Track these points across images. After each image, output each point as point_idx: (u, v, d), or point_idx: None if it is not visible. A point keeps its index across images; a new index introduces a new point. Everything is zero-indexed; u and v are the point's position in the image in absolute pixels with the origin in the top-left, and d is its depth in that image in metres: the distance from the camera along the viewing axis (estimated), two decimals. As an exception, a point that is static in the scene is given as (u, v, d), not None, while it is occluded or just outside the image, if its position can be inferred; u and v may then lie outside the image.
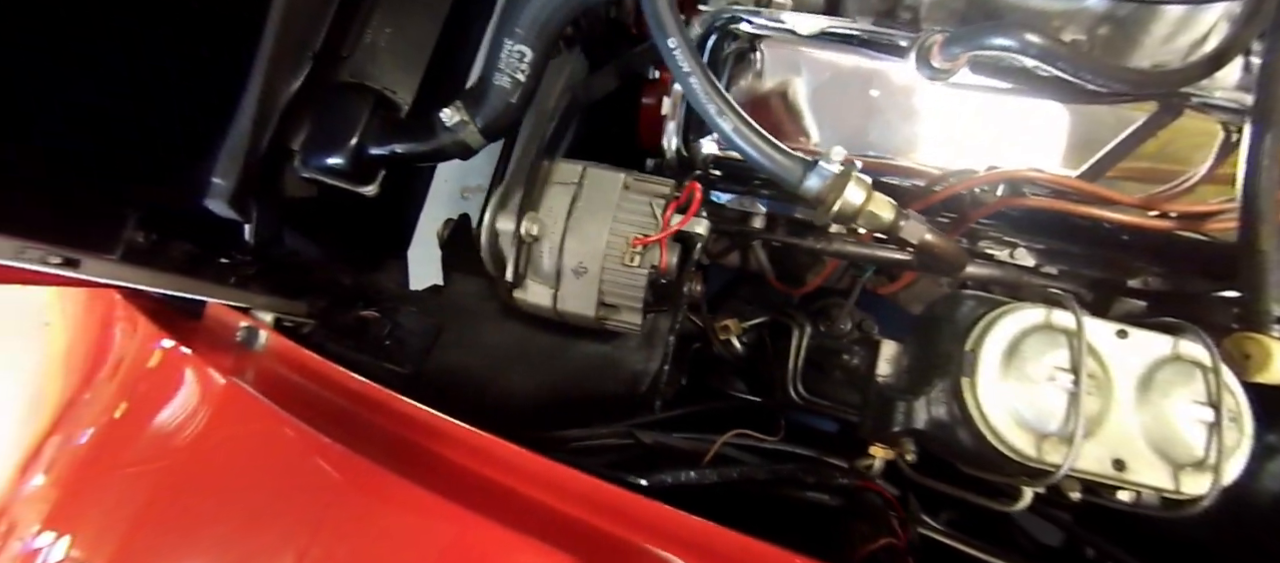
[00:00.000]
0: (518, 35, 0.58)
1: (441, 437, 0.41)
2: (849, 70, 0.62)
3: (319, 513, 0.38)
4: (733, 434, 0.55)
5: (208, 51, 0.64)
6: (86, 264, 0.46)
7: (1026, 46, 0.48)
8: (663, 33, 0.48)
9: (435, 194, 1.01)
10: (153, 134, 0.61)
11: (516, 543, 0.34)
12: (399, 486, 0.36)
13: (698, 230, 0.60)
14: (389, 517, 0.36)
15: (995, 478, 0.44)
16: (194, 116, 0.64)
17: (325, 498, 0.38)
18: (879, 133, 0.63)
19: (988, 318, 0.40)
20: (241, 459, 0.44)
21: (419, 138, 0.64)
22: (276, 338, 0.53)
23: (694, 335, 0.79)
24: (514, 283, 0.58)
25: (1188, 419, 0.38)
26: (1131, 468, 0.38)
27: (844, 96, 0.63)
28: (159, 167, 0.63)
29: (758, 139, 0.48)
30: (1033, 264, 0.66)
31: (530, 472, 0.40)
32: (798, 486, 0.52)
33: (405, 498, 0.37)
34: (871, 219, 0.49)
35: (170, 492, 0.43)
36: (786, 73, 0.64)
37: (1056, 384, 0.38)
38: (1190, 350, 0.39)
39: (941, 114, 0.61)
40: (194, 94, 0.64)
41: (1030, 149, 0.61)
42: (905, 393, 0.44)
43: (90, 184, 0.53)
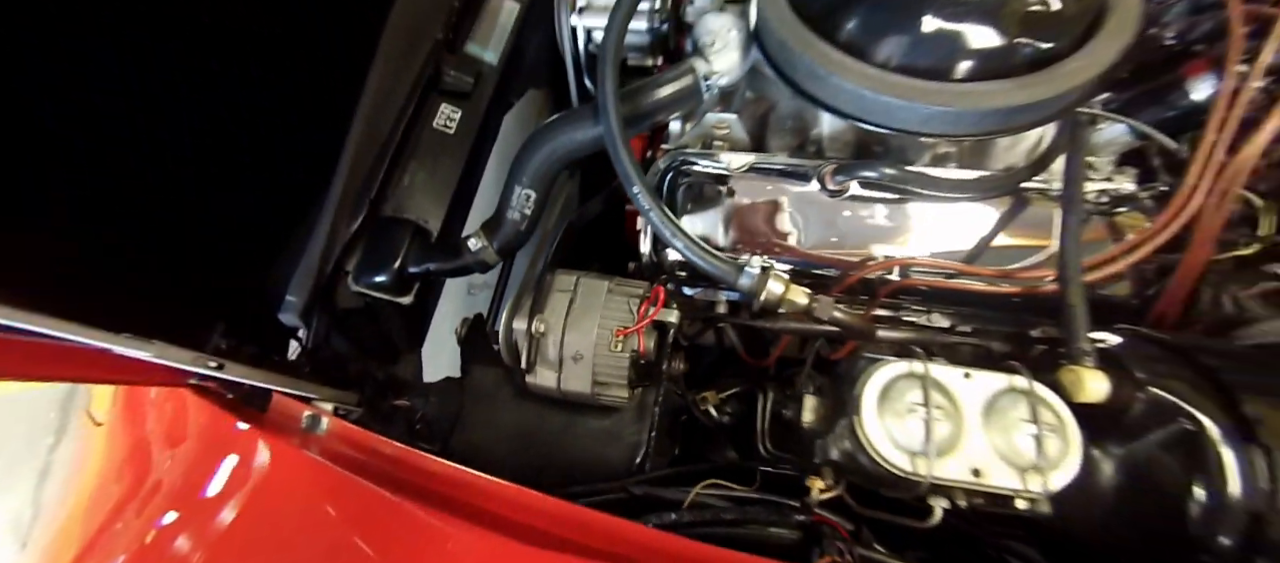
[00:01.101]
0: (524, 182, 0.78)
1: (480, 491, 0.54)
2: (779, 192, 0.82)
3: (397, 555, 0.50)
4: (707, 484, 0.67)
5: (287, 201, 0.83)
6: (228, 367, 0.60)
7: (883, 175, 0.68)
8: (629, 182, 0.68)
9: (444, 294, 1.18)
10: (247, 261, 0.79)
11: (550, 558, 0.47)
12: (456, 525, 0.49)
13: (669, 319, 0.77)
14: (452, 552, 0.48)
15: (905, 496, 0.57)
16: (270, 256, 0.82)
17: (398, 542, 0.50)
18: (806, 236, 0.81)
19: (866, 370, 0.55)
20: (318, 523, 0.56)
21: (449, 258, 0.82)
22: (337, 422, 0.66)
23: (681, 409, 0.92)
24: (527, 369, 0.73)
25: (1022, 434, 0.52)
26: (986, 475, 0.51)
27: (778, 211, 0.82)
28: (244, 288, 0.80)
29: (701, 252, 0.66)
30: (947, 325, 0.82)
31: (551, 512, 0.53)
32: (762, 523, 0.64)
33: (461, 535, 0.49)
34: (791, 304, 0.66)
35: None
36: (749, 196, 0.83)
37: (917, 415, 0.52)
38: (1019, 383, 0.54)
39: (848, 219, 0.80)
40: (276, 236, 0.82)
41: (925, 240, 0.80)
42: (822, 433, 0.58)
43: (203, 300, 0.69)
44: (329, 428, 0.66)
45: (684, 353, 0.93)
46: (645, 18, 0.88)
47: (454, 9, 0.95)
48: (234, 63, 0.80)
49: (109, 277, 0.57)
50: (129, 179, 0.70)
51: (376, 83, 0.80)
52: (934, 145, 0.77)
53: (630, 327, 0.70)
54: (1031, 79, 0.62)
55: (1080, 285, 0.61)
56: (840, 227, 0.79)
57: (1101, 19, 0.65)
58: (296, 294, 0.73)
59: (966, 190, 0.72)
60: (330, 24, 0.86)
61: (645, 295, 0.73)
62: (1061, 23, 0.63)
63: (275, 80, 0.84)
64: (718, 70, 0.77)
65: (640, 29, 0.88)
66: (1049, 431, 0.52)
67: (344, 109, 0.77)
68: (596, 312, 0.72)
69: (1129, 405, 0.54)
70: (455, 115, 0.93)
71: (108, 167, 0.69)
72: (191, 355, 0.56)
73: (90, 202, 0.66)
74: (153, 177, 0.73)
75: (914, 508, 0.61)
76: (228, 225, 0.80)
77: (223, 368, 0.58)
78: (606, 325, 0.71)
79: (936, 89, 0.62)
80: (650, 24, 0.88)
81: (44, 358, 0.55)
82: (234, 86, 0.81)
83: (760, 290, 0.65)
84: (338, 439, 0.65)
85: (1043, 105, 0.62)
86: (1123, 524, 0.55)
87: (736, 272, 0.66)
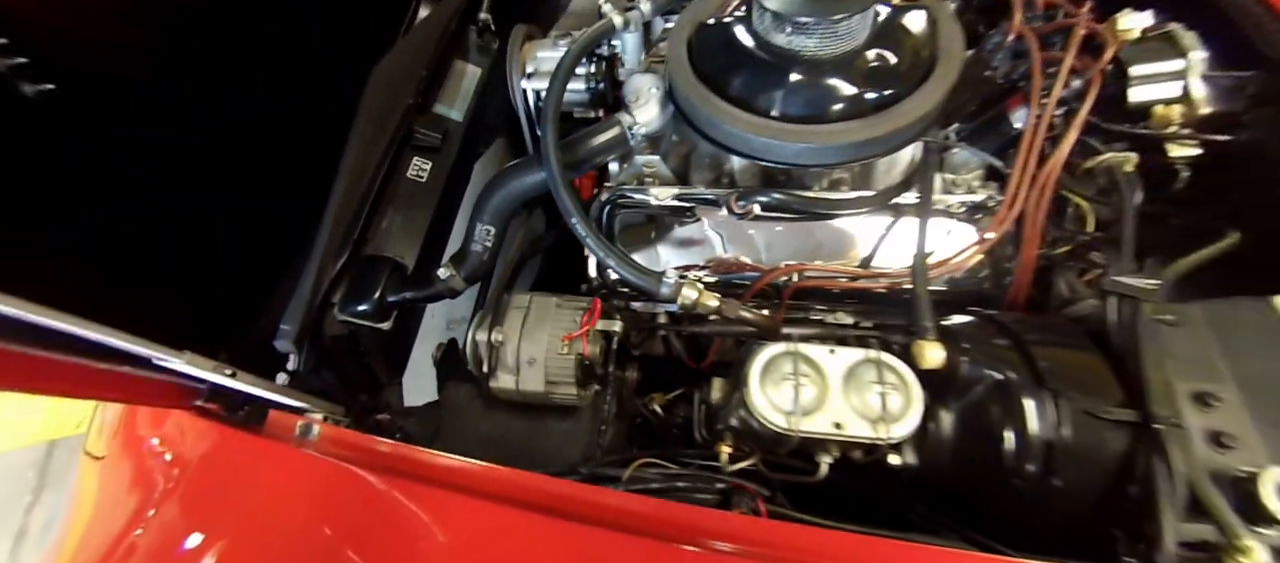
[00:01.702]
0: (484, 220, 0.93)
1: (463, 472, 0.67)
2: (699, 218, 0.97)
3: (394, 529, 0.62)
4: (642, 463, 0.80)
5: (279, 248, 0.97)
6: (240, 376, 0.73)
7: (773, 199, 0.84)
8: (568, 214, 0.83)
9: (424, 331, 1.30)
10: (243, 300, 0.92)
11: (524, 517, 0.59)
12: (446, 495, 0.62)
13: (613, 328, 0.91)
14: (442, 516, 0.61)
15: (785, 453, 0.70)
16: (263, 296, 0.95)
17: (392, 517, 0.62)
18: (723, 252, 0.96)
19: (753, 352, 0.69)
20: (321, 514, 0.68)
21: (423, 287, 0.96)
22: (329, 427, 0.78)
23: (636, 412, 1.05)
24: (490, 375, 0.86)
25: (872, 394, 0.66)
26: (845, 427, 0.65)
27: (699, 234, 0.98)
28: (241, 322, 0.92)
29: (628, 267, 0.81)
30: (852, 322, 0.96)
31: (522, 483, 0.65)
32: (687, 490, 0.76)
33: (452, 501, 0.62)
34: (705, 308, 0.80)
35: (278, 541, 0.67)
36: (675, 222, 0.98)
37: (790, 383, 0.66)
38: (872, 355, 0.69)
39: (754, 237, 0.95)
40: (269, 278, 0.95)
41: (825, 250, 0.95)
42: (724, 407, 0.71)
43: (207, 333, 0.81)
44: (321, 434, 0.78)
45: (638, 363, 1.07)
46: (584, 80, 1.05)
47: (423, 76, 1.12)
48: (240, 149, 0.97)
49: (135, 304, 0.69)
50: (149, 228, 0.84)
51: (357, 143, 0.95)
52: (826, 172, 0.94)
53: (574, 333, 0.84)
54: (876, 118, 0.78)
55: (925, 280, 0.77)
56: (750, 243, 0.95)
57: (931, 68, 0.82)
58: (290, 323, 0.86)
59: (846, 207, 0.88)
60: (317, 97, 1.01)
61: (587, 309, 0.87)
62: (897, 74, 0.80)
63: (268, 152, 0.99)
64: (641, 122, 0.93)
65: (581, 88, 1.05)
66: (894, 390, 0.66)
67: (328, 167, 0.92)
68: (547, 323, 0.86)
69: (959, 369, 0.69)
70: (426, 167, 1.08)
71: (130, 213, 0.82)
72: (213, 364, 0.68)
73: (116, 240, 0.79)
74: (168, 226, 0.87)
75: (811, 469, 0.74)
76: (229, 270, 0.94)
77: (236, 376, 0.70)
78: (556, 334, 0.85)
79: (801, 130, 0.79)
80: (588, 84, 1.05)
81: (59, 375, 0.66)
82: (238, 156, 0.96)
83: (676, 297, 0.80)
84: (330, 443, 0.77)
85: (885, 139, 0.79)
86: (963, 464, 0.69)
87: (657, 281, 0.81)
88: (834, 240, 0.95)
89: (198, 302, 0.84)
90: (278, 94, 0.98)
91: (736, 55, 0.85)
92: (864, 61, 0.80)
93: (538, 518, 0.63)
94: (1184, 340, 0.67)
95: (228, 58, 0.96)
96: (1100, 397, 0.62)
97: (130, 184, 0.82)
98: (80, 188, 0.77)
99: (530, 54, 1.07)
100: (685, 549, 0.59)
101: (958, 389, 0.70)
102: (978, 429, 0.68)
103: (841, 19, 0.78)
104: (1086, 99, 0.81)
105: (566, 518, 0.62)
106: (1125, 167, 0.82)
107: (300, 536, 0.70)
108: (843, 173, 0.96)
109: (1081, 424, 0.61)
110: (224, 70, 0.95)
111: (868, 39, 0.81)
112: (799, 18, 0.78)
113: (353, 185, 0.92)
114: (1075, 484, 0.61)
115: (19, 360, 0.58)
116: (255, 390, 0.75)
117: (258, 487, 0.76)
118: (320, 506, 0.68)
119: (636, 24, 1.00)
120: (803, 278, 0.88)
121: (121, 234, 0.80)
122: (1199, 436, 0.62)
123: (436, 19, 1.21)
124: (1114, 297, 0.69)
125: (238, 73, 0.97)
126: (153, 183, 0.83)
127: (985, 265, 0.90)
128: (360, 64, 1.00)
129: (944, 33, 0.85)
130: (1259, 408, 0.63)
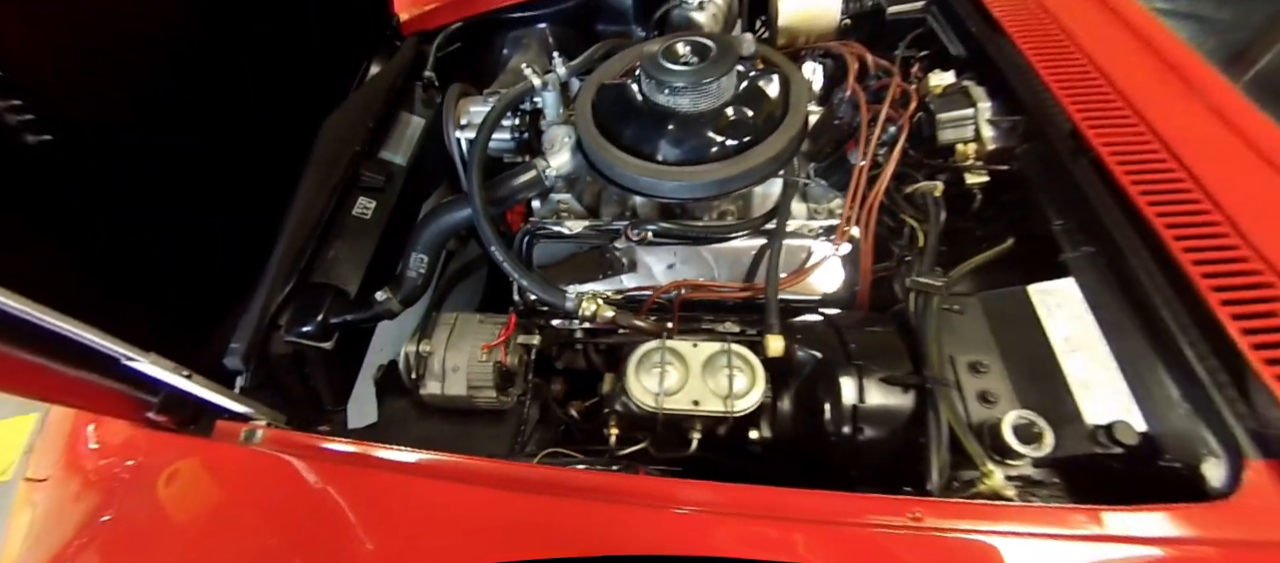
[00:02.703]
0: (419, 249, 1.08)
1: (393, 465, 0.79)
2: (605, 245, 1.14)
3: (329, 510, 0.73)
4: (549, 453, 0.93)
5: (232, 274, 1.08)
6: (195, 378, 0.82)
7: (661, 227, 1.01)
8: (487, 242, 0.99)
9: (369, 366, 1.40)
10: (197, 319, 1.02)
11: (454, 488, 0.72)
12: (382, 471, 0.73)
13: (532, 341, 1.05)
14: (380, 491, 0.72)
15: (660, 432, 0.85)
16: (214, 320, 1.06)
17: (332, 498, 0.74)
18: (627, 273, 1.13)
19: (633, 349, 0.86)
20: (269, 499, 0.79)
21: (362, 310, 1.09)
22: (271, 430, 0.89)
23: (559, 421, 1.18)
24: (419, 382, 0.99)
25: (723, 377, 0.82)
26: (702, 403, 0.80)
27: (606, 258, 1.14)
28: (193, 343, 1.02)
29: (541, 287, 0.96)
30: (739, 330, 1.13)
31: (454, 464, 0.78)
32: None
33: (383, 479, 0.73)
34: (603, 319, 0.96)
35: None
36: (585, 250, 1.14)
37: (659, 370, 0.82)
38: (726, 346, 0.86)
39: (650, 260, 1.12)
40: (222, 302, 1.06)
41: (717, 268, 1.13)
42: (610, 396, 0.86)
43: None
44: (265, 437, 0.89)
45: (562, 377, 1.21)
46: (510, 130, 1.23)
47: (370, 126, 1.28)
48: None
49: (103, 309, 0.78)
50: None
51: (307, 183, 1.09)
52: (711, 204, 1.13)
53: (491, 343, 0.98)
54: (736, 160, 0.98)
55: (775, 288, 0.95)
56: (647, 265, 1.12)
57: (782, 119, 1.03)
58: (239, 342, 0.97)
59: (721, 232, 1.07)
60: (279, 141, 1.16)
61: (504, 324, 1.02)
62: (753, 125, 1.00)
63: (235, 183, 1.12)
64: (555, 167, 1.10)
65: (507, 138, 1.23)
66: (740, 373, 0.83)
67: (280, 205, 1.06)
68: (470, 336, 1.00)
69: (794, 356, 0.86)
70: (371, 205, 1.23)
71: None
72: (173, 365, 0.79)
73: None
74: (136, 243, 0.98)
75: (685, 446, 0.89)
76: (188, 288, 1.05)
77: (192, 378, 0.80)
78: (477, 344, 0.99)
79: (677, 171, 0.98)
80: (513, 135, 1.23)
81: (14, 371, 0.74)
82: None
83: (577, 310, 0.95)
84: (274, 443, 0.88)
85: (742, 176, 0.98)
86: (801, 432, 0.85)
87: (562, 297, 0.96)
88: (724, 261, 1.13)
89: (160, 315, 0.94)
90: (249, 135, 1.12)
91: (629, 111, 1.04)
92: (726, 116, 1.00)
93: (465, 487, 0.75)
94: (965, 324, 0.87)
95: (205, 105, 1.10)
96: (895, 369, 0.80)
97: (106, 203, 0.93)
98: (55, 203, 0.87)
99: (464, 108, 1.25)
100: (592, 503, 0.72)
101: (795, 372, 0.87)
102: (809, 402, 0.84)
103: (709, 82, 0.98)
104: (899, 139, 1.03)
105: (491, 486, 0.74)
106: (934, 191, 1.03)
107: (249, 529, 0.80)
108: (728, 204, 1.15)
109: (879, 390, 0.79)
110: (202, 114, 1.09)
111: (731, 98, 1.01)
112: (675, 82, 0.98)
113: (302, 220, 1.05)
114: (877, 438, 0.78)
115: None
116: (207, 395, 0.85)
117: (204, 485, 0.85)
118: (266, 498, 0.78)
119: (554, 85, 1.19)
120: (688, 292, 1.05)
121: (96, 243, 0.90)
122: (972, 395, 0.80)
123: (384, 76, 1.38)
124: (913, 292, 0.89)
125: (214, 115, 1.11)
126: (127, 202, 0.94)
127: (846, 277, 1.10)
128: (316, 114, 1.16)
129: (794, 92, 1.07)
130: (1014, 371, 0.82)
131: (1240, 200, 0.81)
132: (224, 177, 1.11)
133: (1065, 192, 0.92)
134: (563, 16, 1.62)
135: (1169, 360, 0.74)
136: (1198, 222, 0.80)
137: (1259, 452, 0.64)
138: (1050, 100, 1.00)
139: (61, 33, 0.86)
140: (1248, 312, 0.71)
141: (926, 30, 1.32)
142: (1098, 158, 0.90)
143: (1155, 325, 0.76)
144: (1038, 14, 1.16)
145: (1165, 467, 0.69)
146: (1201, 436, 0.68)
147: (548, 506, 0.71)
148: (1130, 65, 1.03)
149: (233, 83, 1.14)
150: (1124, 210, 0.84)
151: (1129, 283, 0.80)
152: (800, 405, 0.86)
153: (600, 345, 1.18)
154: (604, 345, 1.18)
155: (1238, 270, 0.75)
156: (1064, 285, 0.86)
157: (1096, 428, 0.71)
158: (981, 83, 1.10)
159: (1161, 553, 0.61)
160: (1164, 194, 0.84)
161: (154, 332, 0.79)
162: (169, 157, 1.02)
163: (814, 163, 1.15)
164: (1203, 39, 1.36)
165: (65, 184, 0.86)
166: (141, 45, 0.99)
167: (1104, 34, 1.10)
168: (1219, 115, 0.93)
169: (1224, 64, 1.04)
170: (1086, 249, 0.86)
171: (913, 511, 0.65)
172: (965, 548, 0.64)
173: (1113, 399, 0.75)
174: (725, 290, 1.05)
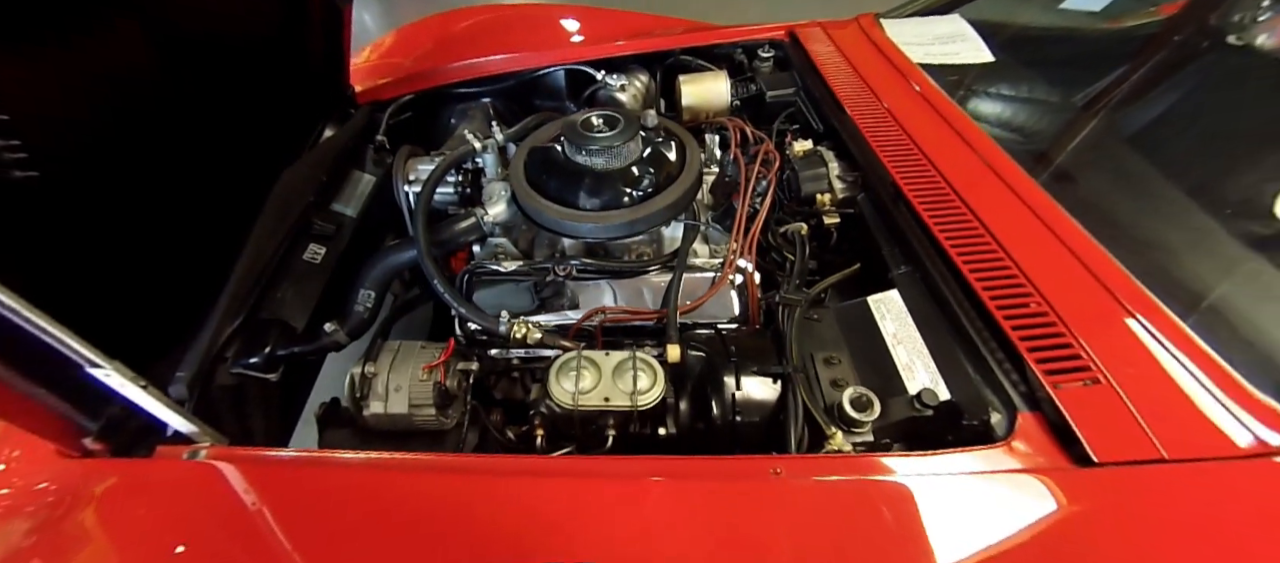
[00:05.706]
0: (366, 285, 1.21)
1: (340, 464, 0.88)
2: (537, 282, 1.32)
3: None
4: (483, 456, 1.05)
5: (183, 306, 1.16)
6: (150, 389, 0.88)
7: (583, 263, 1.21)
8: (430, 277, 1.14)
9: (310, 407, 1.46)
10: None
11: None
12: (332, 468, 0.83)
13: (471, 367, 1.18)
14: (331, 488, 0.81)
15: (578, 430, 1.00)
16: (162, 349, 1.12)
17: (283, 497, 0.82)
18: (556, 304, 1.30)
19: (555, 359, 1.02)
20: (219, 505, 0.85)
21: (309, 342, 1.19)
22: (214, 448, 0.95)
23: (500, 443, 1.28)
24: (362, 401, 1.09)
25: (628, 378, 0.99)
26: (611, 400, 0.97)
27: (538, 293, 1.31)
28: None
29: (475, 313, 1.12)
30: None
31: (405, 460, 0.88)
32: (518, 473, 1.01)
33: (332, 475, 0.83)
34: (532, 340, 1.11)
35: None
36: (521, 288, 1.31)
37: (574, 373, 0.98)
38: (633, 354, 1.03)
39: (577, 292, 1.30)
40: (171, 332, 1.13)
41: (640, 298, 1.32)
42: (538, 401, 1.01)
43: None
44: (209, 455, 0.95)
45: (500, 408, 1.33)
46: (454, 186, 1.42)
47: (323, 181, 1.43)
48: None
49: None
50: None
51: (261, 227, 1.21)
52: (626, 244, 1.34)
53: (431, 365, 1.10)
54: (638, 207, 1.20)
55: (676, 311, 1.15)
56: (575, 297, 1.30)
57: (678, 174, 1.28)
58: (185, 371, 1.04)
59: (635, 267, 1.27)
60: (229, 194, 1.27)
61: (444, 349, 1.15)
62: (654, 180, 1.24)
63: (197, 224, 1.21)
64: (492, 215, 1.29)
65: (450, 192, 1.42)
66: (644, 374, 1.00)
67: (233, 249, 1.16)
68: (412, 359, 1.12)
69: (689, 361, 1.05)
70: (320, 251, 1.35)
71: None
72: (133, 374, 0.85)
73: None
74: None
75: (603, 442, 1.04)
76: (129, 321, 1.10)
77: (148, 389, 0.87)
78: (418, 366, 1.11)
79: (592, 216, 1.19)
80: (456, 189, 1.41)
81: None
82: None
83: (510, 333, 1.11)
84: (218, 459, 0.94)
85: (644, 220, 1.20)
86: (697, 425, 1.02)
87: (495, 322, 1.12)
88: (645, 292, 1.33)
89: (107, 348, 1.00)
90: (207, 184, 1.23)
91: (555, 168, 1.26)
92: (631, 173, 1.23)
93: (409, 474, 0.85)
94: (822, 328, 1.09)
95: (162, 159, 1.20)
96: (764, 364, 1.01)
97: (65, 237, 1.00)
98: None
99: (412, 167, 1.43)
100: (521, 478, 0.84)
101: (691, 374, 1.05)
102: (702, 398, 1.03)
103: (618, 146, 1.22)
104: (769, 190, 1.30)
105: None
106: (801, 231, 1.30)
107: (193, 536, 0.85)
108: (645, 246, 1.37)
109: (752, 382, 0.98)
110: (158, 168, 1.19)
111: (636, 158, 1.25)
112: (591, 145, 1.21)
113: (254, 260, 1.16)
114: (753, 422, 0.97)
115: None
116: (158, 410, 0.90)
117: (144, 507, 0.90)
118: (217, 506, 0.85)
119: (493, 148, 1.40)
120: (609, 318, 1.23)
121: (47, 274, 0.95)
122: (826, 382, 1.01)
123: (338, 138, 1.54)
124: (781, 306, 1.11)
125: (171, 167, 1.21)
126: (82, 239, 1.01)
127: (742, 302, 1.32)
128: (273, 169, 1.29)
129: (688, 156, 1.33)
130: (859, 364, 1.04)
131: (1008, 232, 1.11)
132: (178, 221, 1.20)
133: (891, 228, 1.21)
134: (505, 93, 1.87)
135: (964, 346, 0.98)
136: (980, 248, 1.09)
137: (1027, 407, 0.87)
138: (878, 162, 1.31)
139: (49, 79, 0.97)
140: (1015, 311, 0.98)
141: (795, 109, 1.67)
142: (910, 204, 1.19)
143: (954, 322, 1.01)
144: (871, 100, 1.52)
145: (965, 423, 0.90)
146: (988, 398, 0.91)
147: (467, 482, 0.84)
148: (935, 138, 1.37)
149: (192, 136, 1.26)
150: (930, 241, 1.13)
151: (935, 292, 1.07)
152: (694, 402, 1.03)
153: (536, 374, 1.32)
154: (538, 373, 1.32)
155: (1007, 282, 1.02)
156: (892, 296, 1.11)
157: (913, 397, 0.93)
158: (832, 148, 1.41)
159: (964, 484, 0.81)
160: (956, 229, 1.13)
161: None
162: (127, 204, 1.12)
163: (711, 211, 1.40)
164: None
165: (41, 221, 0.94)
166: (115, 97, 1.10)
167: (918, 115, 1.46)
168: (996, 173, 1.26)
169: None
170: (906, 269, 1.13)
171: (774, 467, 0.82)
172: (815, 489, 0.81)
173: (926, 376, 0.98)
174: (640, 316, 1.23)
